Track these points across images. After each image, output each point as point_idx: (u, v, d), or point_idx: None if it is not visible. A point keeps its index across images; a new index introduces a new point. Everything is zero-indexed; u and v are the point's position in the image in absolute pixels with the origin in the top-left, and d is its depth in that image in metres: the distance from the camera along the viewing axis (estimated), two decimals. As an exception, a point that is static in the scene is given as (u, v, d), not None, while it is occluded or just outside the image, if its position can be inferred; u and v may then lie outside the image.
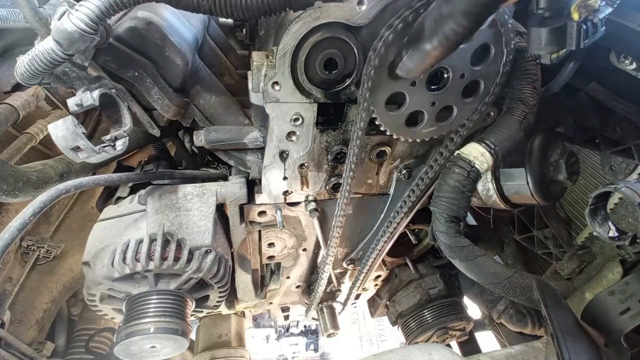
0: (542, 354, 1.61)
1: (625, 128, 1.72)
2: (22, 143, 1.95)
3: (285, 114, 1.32)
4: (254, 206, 1.69)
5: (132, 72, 1.32)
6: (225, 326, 2.73)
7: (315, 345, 9.49)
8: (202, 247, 1.49)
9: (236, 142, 1.53)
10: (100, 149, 1.15)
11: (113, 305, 1.58)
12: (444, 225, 1.34)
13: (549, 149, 1.56)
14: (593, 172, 1.93)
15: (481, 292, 2.62)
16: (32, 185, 1.46)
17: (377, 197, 1.82)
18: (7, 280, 2.38)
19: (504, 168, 1.60)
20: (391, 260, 2.57)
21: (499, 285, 1.28)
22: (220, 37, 2.02)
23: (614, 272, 1.76)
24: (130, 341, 1.42)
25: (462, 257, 1.32)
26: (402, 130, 1.35)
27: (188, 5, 1.05)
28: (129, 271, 1.40)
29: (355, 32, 1.16)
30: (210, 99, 1.55)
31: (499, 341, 2.97)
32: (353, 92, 1.31)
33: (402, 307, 2.67)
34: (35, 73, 1.04)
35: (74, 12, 0.97)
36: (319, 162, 1.56)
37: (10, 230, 1.14)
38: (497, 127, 1.41)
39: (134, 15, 1.32)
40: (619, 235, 1.23)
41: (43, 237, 2.58)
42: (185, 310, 1.54)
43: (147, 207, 1.52)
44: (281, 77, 1.21)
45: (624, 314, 1.34)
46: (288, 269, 2.23)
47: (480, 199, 1.69)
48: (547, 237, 2.25)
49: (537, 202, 1.54)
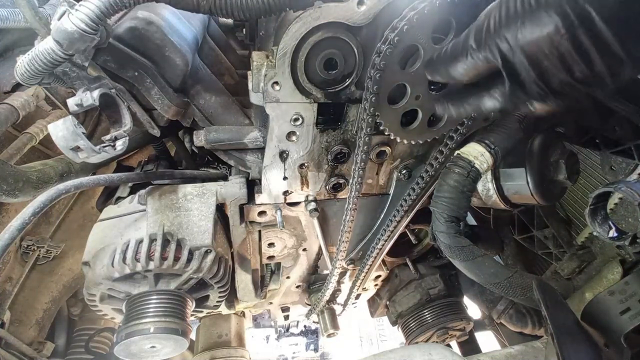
0: (542, 354, 1.61)
1: (625, 128, 1.71)
2: (22, 143, 1.95)
3: (285, 114, 1.32)
4: (254, 206, 1.69)
5: (132, 72, 1.32)
6: (225, 326, 2.73)
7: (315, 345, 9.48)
8: (202, 247, 1.49)
9: (236, 142, 1.53)
10: (100, 149, 1.15)
11: (113, 305, 1.58)
12: (444, 225, 1.34)
13: (549, 149, 1.56)
14: (593, 172, 1.93)
15: (481, 292, 2.62)
16: (32, 185, 1.46)
17: (377, 197, 1.82)
18: (7, 280, 2.38)
19: (504, 168, 1.60)
20: (391, 260, 2.57)
21: (499, 285, 1.28)
22: (220, 37, 2.01)
23: (614, 272, 1.76)
24: (130, 341, 1.42)
25: (462, 257, 1.32)
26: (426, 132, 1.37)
27: (188, 5, 1.05)
28: (129, 271, 1.40)
29: (356, 32, 1.16)
30: (210, 99, 1.55)
31: (499, 341, 2.97)
32: (353, 92, 1.31)
33: (402, 307, 2.67)
34: (35, 73, 1.04)
35: (74, 12, 0.97)
36: (319, 162, 1.56)
37: (10, 230, 1.14)
38: (497, 127, 1.41)
39: (134, 15, 1.32)
40: (619, 235, 1.23)
41: (43, 237, 2.58)
42: (185, 310, 1.54)
43: (147, 207, 1.52)
44: (281, 77, 1.21)
45: (624, 314, 1.34)
46: (288, 269, 2.23)
47: (480, 199, 1.69)
48: (547, 237, 2.25)
49: (537, 202, 1.54)
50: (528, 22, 0.63)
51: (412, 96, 1.23)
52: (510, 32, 0.66)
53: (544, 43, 0.62)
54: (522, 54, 0.66)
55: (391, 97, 1.24)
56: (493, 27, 0.69)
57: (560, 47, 0.61)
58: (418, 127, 1.34)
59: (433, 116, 1.37)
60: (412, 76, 1.15)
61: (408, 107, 1.27)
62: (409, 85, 1.19)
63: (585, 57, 0.61)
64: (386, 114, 1.25)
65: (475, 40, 0.74)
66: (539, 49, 0.64)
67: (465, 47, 0.77)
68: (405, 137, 1.35)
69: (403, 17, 1.02)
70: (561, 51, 0.61)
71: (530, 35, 0.64)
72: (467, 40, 0.76)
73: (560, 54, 0.62)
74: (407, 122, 1.35)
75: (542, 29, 0.61)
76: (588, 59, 0.61)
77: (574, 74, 0.63)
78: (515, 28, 0.65)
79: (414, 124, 1.34)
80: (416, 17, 1.01)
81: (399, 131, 1.33)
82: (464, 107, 0.89)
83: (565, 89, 0.67)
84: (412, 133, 1.36)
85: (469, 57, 0.76)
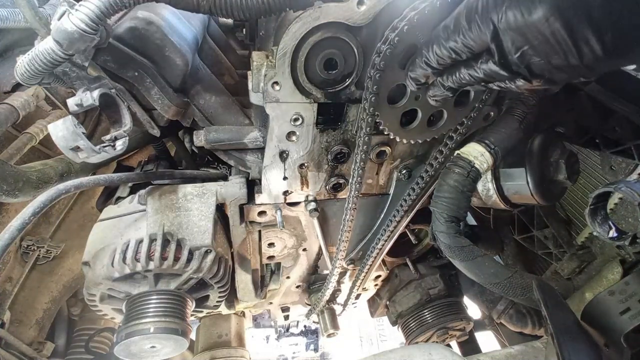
0: (542, 354, 1.61)
1: (625, 128, 1.71)
2: (22, 143, 1.95)
3: (285, 114, 1.32)
4: (254, 206, 1.69)
5: (132, 72, 1.32)
6: (225, 326, 2.73)
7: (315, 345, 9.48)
8: (202, 247, 1.49)
9: (236, 142, 1.53)
10: (100, 149, 1.15)
11: (113, 305, 1.58)
12: (444, 225, 1.34)
13: (549, 149, 1.56)
14: (593, 172, 1.93)
15: (481, 292, 2.62)
16: (32, 185, 1.46)
17: (377, 197, 1.82)
18: (7, 280, 2.38)
19: (504, 168, 1.60)
20: (391, 260, 2.57)
21: (499, 285, 1.28)
22: (220, 37, 2.01)
23: (614, 272, 1.76)
24: (130, 341, 1.42)
25: (462, 257, 1.32)
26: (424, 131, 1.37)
27: (188, 5, 1.05)
28: (129, 271, 1.40)
29: (355, 32, 1.16)
30: (210, 99, 1.55)
31: (499, 341, 2.97)
32: (353, 92, 1.31)
33: (402, 307, 2.67)
34: (35, 73, 1.04)
35: (74, 12, 0.97)
36: (319, 162, 1.56)
37: (10, 230, 1.14)
38: (497, 127, 1.41)
39: (134, 15, 1.32)
40: (619, 235, 1.23)
41: (43, 237, 2.58)
42: (185, 310, 1.54)
43: (147, 207, 1.52)
44: (281, 77, 1.21)
45: (624, 314, 1.34)
46: (288, 269, 2.23)
47: (480, 199, 1.69)
48: (547, 237, 2.25)
49: (537, 202, 1.54)
50: (520, 6, 0.67)
51: (411, 96, 1.23)
52: (500, 14, 0.70)
53: (530, 29, 0.67)
54: (509, 37, 0.71)
55: (391, 97, 1.24)
56: (482, 6, 0.74)
57: (544, 34, 0.65)
58: (418, 126, 1.34)
59: (433, 116, 1.37)
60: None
61: (408, 107, 1.27)
62: (409, 85, 1.19)
63: (564, 48, 0.65)
64: (386, 114, 1.25)
65: (466, 18, 0.79)
66: (526, 33, 0.68)
67: (457, 26, 0.82)
68: (405, 137, 1.35)
69: (403, 17, 1.02)
70: (544, 39, 0.66)
71: (518, 20, 0.68)
72: (459, 18, 0.81)
73: (544, 40, 0.66)
74: (406, 122, 1.35)
75: (531, 15, 0.65)
76: (567, 50, 0.65)
77: (552, 61, 0.68)
78: (503, 11, 0.69)
79: (414, 124, 1.34)
80: (417, 17, 1.01)
81: (398, 131, 1.33)
82: (457, 79, 0.93)
83: (545, 73, 0.72)
84: (412, 133, 1.36)
85: (460, 36, 0.82)
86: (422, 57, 0.97)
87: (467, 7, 0.80)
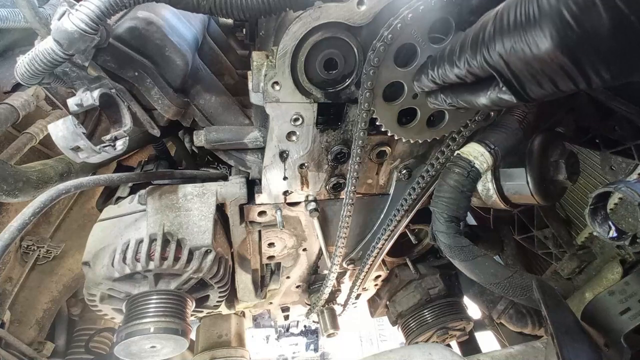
0: (542, 354, 1.61)
1: (625, 128, 1.72)
2: (22, 143, 1.96)
3: (285, 114, 1.32)
4: (254, 206, 1.69)
5: (132, 72, 1.32)
6: (225, 326, 2.72)
7: (315, 345, 9.50)
8: (202, 247, 1.49)
9: (236, 142, 1.53)
10: (100, 149, 1.15)
11: (113, 305, 1.58)
12: (444, 225, 1.34)
13: (549, 149, 1.56)
14: (593, 172, 1.93)
15: (481, 292, 2.62)
16: (32, 185, 1.46)
17: (377, 197, 1.82)
18: (7, 280, 2.38)
19: (504, 168, 1.60)
20: (391, 260, 2.57)
21: (499, 285, 1.28)
22: (220, 37, 2.02)
23: (614, 272, 1.76)
24: (130, 341, 1.42)
25: (462, 257, 1.32)
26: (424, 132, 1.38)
27: (188, 5, 1.05)
28: (129, 271, 1.40)
29: (356, 32, 1.16)
30: (210, 99, 1.55)
31: (499, 341, 2.97)
32: (353, 92, 1.30)
33: (402, 307, 2.67)
34: (35, 73, 1.04)
35: (74, 12, 0.97)
36: (319, 162, 1.56)
37: (10, 230, 1.14)
38: (497, 127, 1.41)
39: (134, 15, 1.32)
40: (619, 235, 1.23)
41: (43, 237, 2.58)
42: (185, 310, 1.54)
43: (147, 207, 1.52)
44: (281, 77, 1.21)
45: (624, 314, 1.34)
46: (288, 269, 2.23)
47: (480, 199, 1.69)
48: (547, 237, 2.25)
49: (537, 202, 1.54)
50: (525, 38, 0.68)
51: (409, 95, 1.23)
52: (507, 46, 0.72)
53: (538, 62, 0.68)
54: (515, 67, 0.73)
55: (390, 95, 1.24)
56: (488, 36, 0.76)
57: (551, 67, 0.67)
58: (417, 126, 1.34)
59: (432, 116, 1.37)
60: (409, 75, 1.16)
61: (405, 105, 1.27)
62: (406, 84, 1.19)
63: (572, 78, 0.67)
64: (382, 111, 1.26)
65: (471, 47, 0.81)
66: (533, 65, 0.70)
67: (463, 53, 0.84)
68: (402, 135, 1.35)
69: (398, 15, 1.03)
70: (552, 70, 0.67)
71: (526, 53, 0.69)
72: (464, 46, 0.83)
73: (552, 71, 0.68)
74: (407, 122, 1.35)
75: (539, 49, 0.66)
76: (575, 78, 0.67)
77: (560, 87, 0.70)
78: (511, 43, 0.71)
79: (413, 123, 1.34)
80: (410, 15, 1.01)
81: (396, 129, 1.33)
82: (457, 101, 0.97)
83: (549, 96, 0.75)
84: (411, 132, 1.36)
85: (464, 63, 0.84)
86: (427, 75, 1.01)
87: (473, 34, 0.81)
